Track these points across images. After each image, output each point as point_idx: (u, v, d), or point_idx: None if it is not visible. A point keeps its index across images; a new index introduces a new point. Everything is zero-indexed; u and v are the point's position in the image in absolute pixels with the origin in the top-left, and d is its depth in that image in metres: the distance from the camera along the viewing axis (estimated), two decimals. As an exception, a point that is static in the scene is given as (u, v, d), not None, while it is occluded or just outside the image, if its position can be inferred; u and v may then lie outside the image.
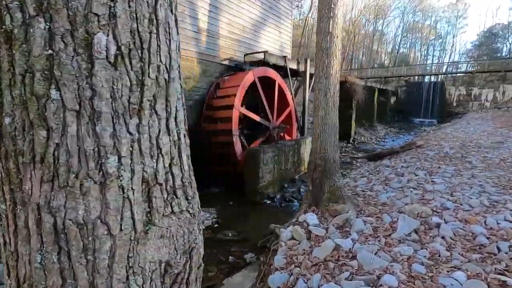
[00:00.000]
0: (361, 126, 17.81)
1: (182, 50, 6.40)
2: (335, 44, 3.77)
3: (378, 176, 6.46)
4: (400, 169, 6.61)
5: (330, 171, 3.97)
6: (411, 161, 7.27)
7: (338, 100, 4.01)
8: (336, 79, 3.88)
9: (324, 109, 3.89)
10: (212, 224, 5.32)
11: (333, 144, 3.97)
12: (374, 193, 4.56)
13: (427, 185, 4.70)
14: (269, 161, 6.68)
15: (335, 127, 3.98)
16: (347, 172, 8.57)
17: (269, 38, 9.48)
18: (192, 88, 6.81)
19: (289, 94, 8.66)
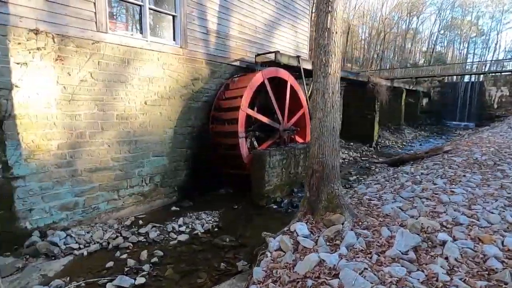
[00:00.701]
0: (386, 129, 16.89)
1: (190, 52, 6.41)
2: (334, 40, 3.48)
3: (394, 183, 5.99)
4: (419, 176, 6.07)
5: (328, 178, 3.68)
6: (433, 168, 6.66)
7: (338, 101, 3.71)
8: (335, 78, 3.58)
9: (322, 110, 3.61)
10: (212, 228, 5.21)
11: (332, 148, 3.67)
12: (381, 202, 4.18)
13: (443, 195, 4.21)
14: (276, 165, 6.46)
15: (335, 130, 3.68)
16: (363, 178, 8.09)
17: (283, 38, 9.25)
18: (200, 89, 6.78)
19: (303, 95, 8.36)
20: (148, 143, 5.84)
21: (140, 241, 4.70)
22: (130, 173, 5.60)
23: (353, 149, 11.89)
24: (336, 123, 3.69)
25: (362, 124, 13.25)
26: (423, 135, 18.04)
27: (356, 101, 13.45)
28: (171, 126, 6.23)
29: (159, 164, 6.10)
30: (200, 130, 6.87)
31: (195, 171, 6.83)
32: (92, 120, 4.96)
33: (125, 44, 5.27)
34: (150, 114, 5.81)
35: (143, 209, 5.87)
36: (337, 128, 3.72)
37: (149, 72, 5.69)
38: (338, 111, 3.71)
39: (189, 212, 5.81)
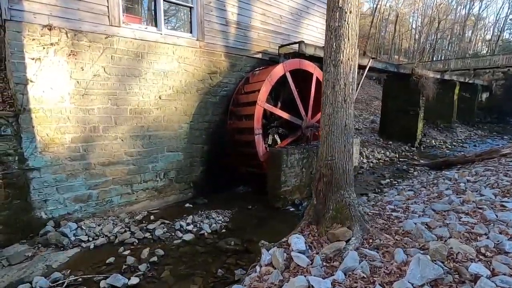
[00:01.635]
0: (434, 127, 15.16)
1: (207, 44, 6.18)
2: (346, 22, 2.93)
3: (430, 190, 5.16)
4: (464, 184, 5.15)
5: (338, 183, 3.16)
6: (484, 174, 5.63)
7: (352, 94, 3.14)
8: (348, 67, 3.03)
9: (332, 105, 3.09)
10: (220, 229, 4.97)
11: (344, 149, 3.14)
12: (406, 214, 3.52)
13: (488, 211, 3.41)
14: (295, 164, 5.99)
15: (348, 129, 3.14)
16: (397, 181, 7.22)
17: (312, 28, 8.60)
18: (218, 83, 6.54)
19: (331, 89, 7.66)
20: (163, 138, 5.78)
21: (145, 238, 4.63)
22: (144, 168, 5.59)
23: (391, 149, 10.80)
24: (349, 120, 3.15)
25: (404, 121, 11.97)
26: (479, 134, 15.82)
27: (397, 96, 12.18)
28: (186, 121, 6.10)
29: (174, 160, 6.02)
30: (217, 125, 6.66)
31: (212, 168, 6.65)
32: (105, 114, 5.00)
33: (139, 37, 5.21)
34: (164, 109, 5.73)
35: (157, 204, 5.85)
36: (351, 126, 3.17)
37: (164, 66, 5.59)
38: (351, 106, 3.16)
39: (201, 210, 5.65)
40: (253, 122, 5.90)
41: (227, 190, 6.84)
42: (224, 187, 6.84)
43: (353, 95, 3.16)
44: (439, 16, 41.75)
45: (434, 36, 42.13)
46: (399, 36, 44.70)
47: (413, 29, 46.49)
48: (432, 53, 42.52)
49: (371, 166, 8.86)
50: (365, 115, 15.82)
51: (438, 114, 15.98)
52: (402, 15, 43.71)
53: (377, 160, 9.43)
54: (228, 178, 6.93)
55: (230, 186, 6.97)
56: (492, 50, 43.02)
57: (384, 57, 38.98)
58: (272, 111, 6.43)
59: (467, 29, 48.80)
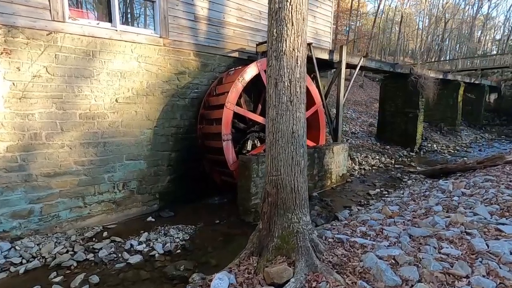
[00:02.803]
0: (437, 130, 14.32)
1: (173, 42, 5.65)
2: (289, 2, 2.32)
3: (418, 205, 4.48)
4: (458, 198, 4.45)
5: (284, 204, 2.54)
6: (482, 186, 4.91)
7: (302, 93, 2.52)
8: (294, 59, 2.42)
9: (275, 107, 2.49)
10: (175, 249, 4.37)
11: (292, 162, 2.52)
12: (374, 242, 2.86)
13: (477, 239, 2.72)
14: (268, 174, 5.35)
15: (296, 137, 2.52)
16: (387, 192, 6.51)
17: (298, 24, 7.99)
18: (188, 84, 5.99)
19: (316, 90, 7.05)
20: (121, 145, 5.23)
21: (87, 260, 4.06)
22: (98, 178, 5.05)
23: (387, 154, 10.05)
24: (299, 125, 2.53)
25: (402, 124, 11.21)
26: (486, 138, 14.87)
27: (395, 97, 11.44)
28: (149, 126, 5.56)
29: (135, 169, 5.46)
30: (187, 130, 6.10)
31: (182, 177, 6.08)
32: (49, 120, 4.47)
33: (89, 34, 4.69)
34: (122, 113, 5.19)
35: (115, 218, 5.30)
36: (301, 133, 2.55)
37: (121, 65, 5.07)
38: (301, 109, 2.54)
39: (161, 225, 5.07)
40: (221, 127, 5.31)
41: (200, 201, 6.26)
42: (197, 198, 6.26)
43: (303, 95, 2.54)
44: (446, 16, 40.64)
45: (441, 36, 41.04)
46: (404, 37, 43.71)
47: (419, 30, 45.44)
48: (439, 53, 41.40)
49: (363, 173, 8.16)
50: (363, 118, 15.07)
51: (442, 116, 15.13)
52: (407, 16, 42.74)
53: (370, 167, 8.71)
54: (201, 187, 6.36)
55: (204, 196, 6.37)
56: (502, 50, 41.67)
57: (390, 58, 38.05)
58: (244, 114, 5.83)
59: (476, 29, 47.49)
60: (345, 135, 11.85)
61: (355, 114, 15.32)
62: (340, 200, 6.19)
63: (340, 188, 6.89)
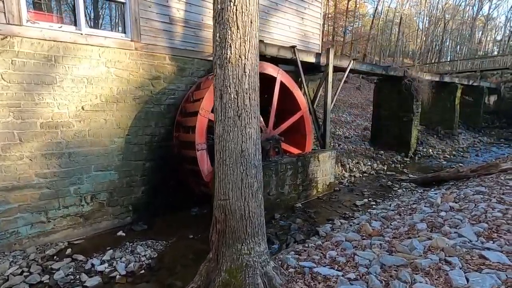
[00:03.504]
0: (434, 134, 13.96)
1: (146, 46, 5.35)
2: (233, 2, 2.02)
3: (403, 221, 4.15)
4: (445, 213, 4.12)
5: (234, 233, 2.23)
6: (472, 199, 4.57)
7: (253, 106, 2.21)
8: (241, 68, 2.11)
9: (221, 122, 2.18)
10: (139, 269, 4.06)
11: (242, 185, 2.21)
12: (340, 273, 2.53)
13: (456, 270, 2.39)
14: (245, 185, 5.03)
15: (247, 156, 2.21)
16: (375, 202, 6.18)
17: (285, 26, 7.70)
18: (163, 90, 5.69)
19: (301, 95, 6.74)
20: (88, 155, 4.93)
21: (41, 283, 3.76)
22: (63, 191, 4.75)
23: (380, 160, 9.71)
24: (249, 143, 2.21)
25: (396, 128, 10.87)
26: (484, 141, 14.49)
27: (389, 101, 11.11)
28: (121, 135, 5.25)
29: (105, 180, 5.16)
30: (163, 138, 5.79)
31: (158, 188, 5.78)
32: (5, 130, 4.18)
33: (51, 38, 4.40)
34: (89, 122, 4.89)
35: (83, 232, 4.99)
36: (251, 151, 2.23)
37: (87, 71, 4.77)
38: (252, 123, 2.23)
39: (130, 241, 4.77)
40: (195, 136, 5.01)
41: (177, 212, 5.95)
42: (175, 209, 5.95)
43: (254, 108, 2.22)
44: (446, 17, 40.30)
45: (440, 37, 40.72)
46: (404, 38, 43.37)
47: (419, 31, 45.10)
48: (439, 54, 41.05)
49: (353, 181, 7.82)
50: (358, 121, 14.73)
51: (439, 119, 14.78)
52: (406, 17, 42.45)
53: (361, 174, 8.37)
54: (179, 198, 6.05)
55: (182, 207, 6.07)
56: (503, 51, 41.29)
57: (389, 60, 37.70)
58: (220, 122, 5.50)
59: (477, 30, 47.09)
60: (337, 139, 11.53)
61: (350, 117, 15.00)
62: (325, 211, 5.86)
63: (326, 198, 6.56)
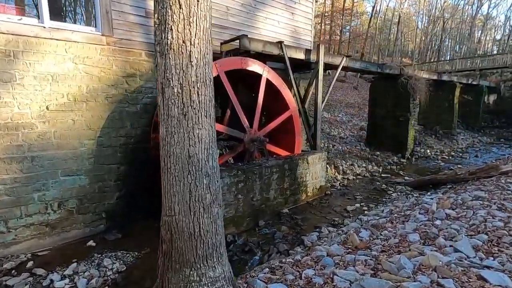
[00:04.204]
0: (432, 134, 13.59)
1: (119, 41, 4.98)
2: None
3: (395, 230, 3.77)
4: (441, 222, 3.74)
5: (181, 256, 1.85)
6: (470, 206, 4.19)
7: (204, 101, 1.83)
8: (186, 56, 1.74)
9: (165, 122, 1.80)
10: (102, 285, 3.67)
11: (191, 198, 1.83)
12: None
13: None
14: (224, 190, 4.67)
15: (195, 162, 1.83)
16: (367, 208, 5.80)
17: (273, 22, 7.33)
18: (139, 88, 5.32)
19: (289, 93, 6.35)
20: (54, 159, 4.55)
21: (-11, 302, 3.38)
22: (26, 198, 4.36)
23: (375, 161, 9.32)
24: (199, 147, 1.84)
25: (393, 128, 10.50)
26: (484, 141, 14.11)
27: (385, 100, 10.74)
28: (91, 137, 4.87)
29: (74, 185, 4.78)
30: (140, 140, 5.42)
31: (134, 193, 5.40)
32: (-44, 132, 3.80)
33: (8, 32, 4.02)
34: (55, 122, 4.51)
35: (49, 242, 4.60)
36: (204, 157, 1.86)
37: (52, 67, 4.40)
38: (203, 123, 1.85)
39: (98, 252, 4.38)
40: (170, 138, 4.62)
41: (156, 219, 5.54)
42: (153, 216, 5.54)
43: (205, 104, 1.84)
44: (445, 16, 39.98)
45: (439, 36, 40.40)
46: (403, 37, 43.05)
47: (418, 30, 44.78)
48: (438, 54, 40.73)
49: (346, 184, 7.43)
50: (355, 121, 14.36)
51: (437, 119, 14.41)
52: (405, 15, 42.12)
53: (354, 176, 7.99)
54: (158, 204, 5.65)
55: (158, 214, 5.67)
56: (502, 50, 40.95)
57: (388, 59, 37.36)
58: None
59: (477, 29, 46.76)
60: (332, 140, 11.15)
61: (346, 117, 14.62)
62: (314, 217, 5.48)
63: (316, 203, 6.18)
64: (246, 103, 6.26)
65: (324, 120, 13.49)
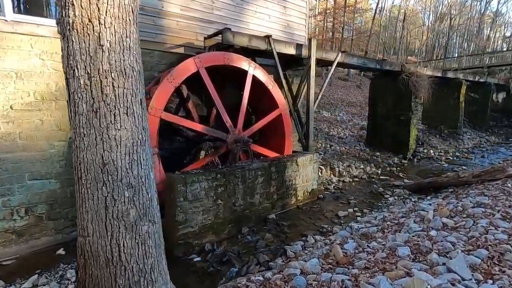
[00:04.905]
0: (436, 134, 13.04)
1: (92, 35, 4.65)
2: None
3: (385, 241, 3.38)
4: (437, 233, 3.33)
5: (97, 286, 1.48)
6: (471, 214, 3.76)
7: (122, 94, 1.49)
8: (93, 38, 1.40)
9: (73, 122, 1.45)
10: (60, 300, 3.35)
11: (107, 215, 1.48)
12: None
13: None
14: (202, 195, 4.32)
15: (114, 171, 1.48)
16: (361, 214, 5.40)
17: (263, 16, 6.96)
18: (115, 86, 5.00)
19: (278, 91, 5.98)
20: (20, 162, 4.26)
21: None
22: (-12, 204, 4.08)
23: (374, 162, 8.88)
24: (118, 151, 1.49)
25: (394, 128, 10.03)
26: (492, 141, 13.49)
27: (386, 98, 10.27)
28: (62, 138, 4.58)
29: (43, 190, 4.49)
30: (117, 141, 5.09)
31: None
32: None
33: (-35, 25, 3.74)
34: (21, 123, 4.22)
35: (15, 250, 4.32)
36: (124, 165, 1.51)
37: (16, 64, 4.11)
38: (122, 122, 1.50)
39: (66, 262, 4.08)
40: (143, 139, 4.29)
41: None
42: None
43: (123, 99, 1.49)
44: (452, 13, 39.00)
45: (446, 34, 39.46)
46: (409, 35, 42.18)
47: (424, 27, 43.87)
48: (445, 52, 39.80)
49: (341, 186, 7.02)
50: (356, 120, 13.88)
51: (442, 118, 13.85)
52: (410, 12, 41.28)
53: (351, 179, 7.57)
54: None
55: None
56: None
57: (393, 58, 36.62)
58: (175, 121, 4.78)
59: (485, 26, 45.61)
60: (330, 140, 10.73)
61: (347, 117, 14.16)
62: (302, 224, 5.10)
63: (307, 207, 5.79)
64: (234, 102, 5.91)
65: (324, 120, 13.06)
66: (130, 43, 1.51)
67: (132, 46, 1.52)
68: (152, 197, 1.70)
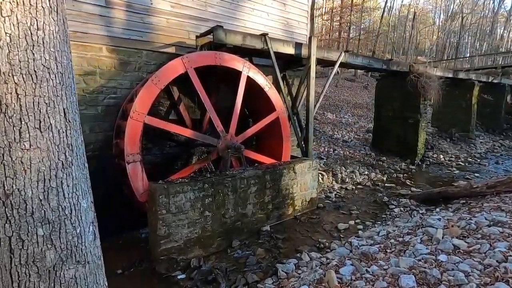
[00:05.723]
0: (447, 137, 12.45)
1: (74, 34, 4.37)
2: None
3: (386, 266, 2.96)
4: (447, 258, 2.91)
5: None
6: (487, 234, 3.32)
7: (42, 105, 1.14)
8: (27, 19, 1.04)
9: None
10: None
11: (14, 260, 1.12)
12: None
13: None
14: (187, 206, 3.98)
15: (20, 203, 1.14)
16: (364, 224, 4.98)
17: (260, 13, 6.59)
18: (99, 88, 4.72)
19: (275, 93, 5.60)
20: (-5, 168, 3.97)
21: None
22: (-41, 214, 3.80)
23: (380, 168, 8.40)
24: (28, 176, 1.13)
25: (401, 131, 9.53)
26: (506, 145, 12.80)
27: (393, 100, 9.78)
28: (41, 143, 4.28)
29: (20, 198, 4.19)
30: (102, 146, 4.83)
31: (98, 206, 4.76)
32: None
33: None
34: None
35: None
36: (40, 194, 1.15)
37: (-11, 64, 3.82)
38: (33, 140, 1.15)
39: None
40: (123, 144, 3.98)
41: (122, 234, 4.96)
42: (120, 230, 4.96)
43: (43, 114, 1.14)
44: (464, 12, 37.92)
45: (458, 33, 38.41)
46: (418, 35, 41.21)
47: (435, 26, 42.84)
48: (456, 51, 38.70)
49: (343, 195, 6.59)
50: (362, 123, 13.38)
51: (453, 121, 13.23)
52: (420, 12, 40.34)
53: (354, 186, 7.12)
54: (125, 217, 5.04)
55: (132, 227, 5.07)
56: (527, 47, 38.55)
57: (402, 58, 35.80)
58: (160, 126, 4.44)
59: (499, 26, 44.29)
60: (334, 143, 10.28)
61: (353, 119, 13.67)
62: (298, 237, 4.71)
63: (305, 218, 5.39)
64: (230, 105, 5.55)
65: (328, 122, 12.61)
66: (44, 37, 1.18)
67: (48, 41, 1.19)
68: (82, 233, 1.35)
